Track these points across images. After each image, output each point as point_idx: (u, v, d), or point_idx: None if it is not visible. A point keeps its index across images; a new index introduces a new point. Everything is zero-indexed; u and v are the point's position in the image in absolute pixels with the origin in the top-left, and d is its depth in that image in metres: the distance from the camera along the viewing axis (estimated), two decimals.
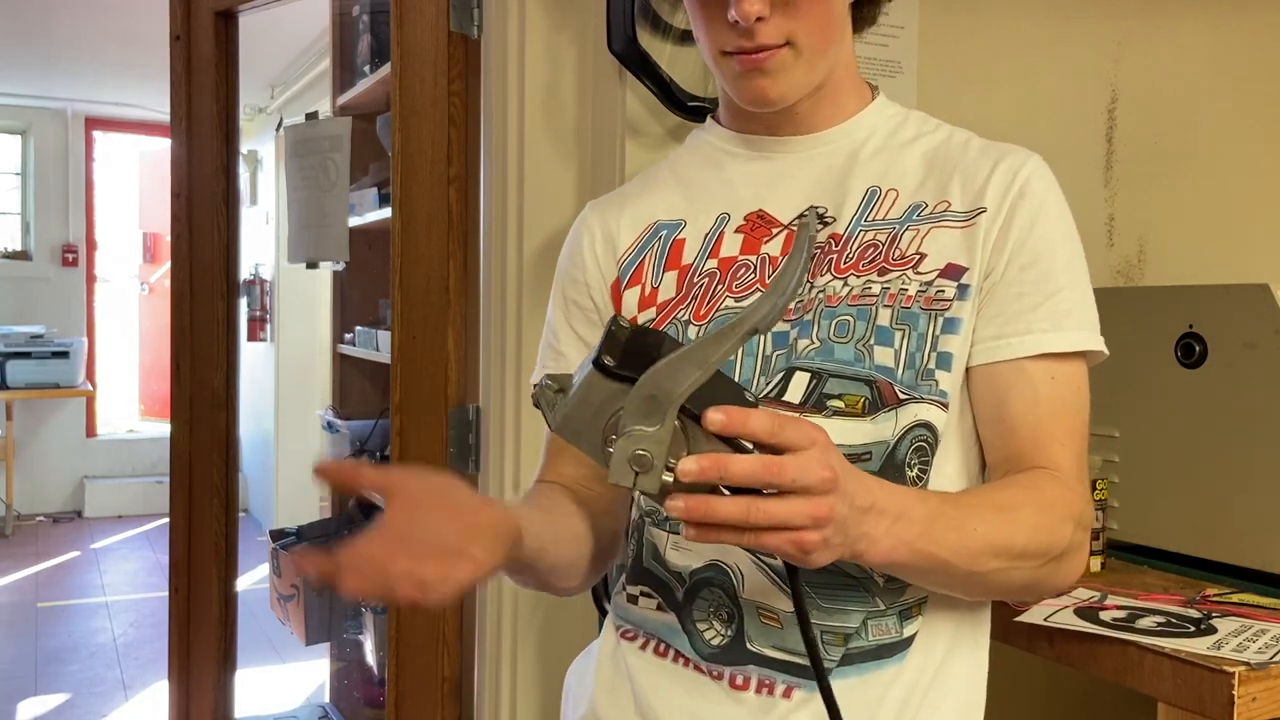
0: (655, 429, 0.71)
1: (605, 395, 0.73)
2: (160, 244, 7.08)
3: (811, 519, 0.71)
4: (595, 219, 1.10)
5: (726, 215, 1.03)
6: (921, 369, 0.94)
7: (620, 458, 0.71)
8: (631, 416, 0.71)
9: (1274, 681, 1.03)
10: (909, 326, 0.94)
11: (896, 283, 0.95)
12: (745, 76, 0.95)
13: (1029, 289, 0.95)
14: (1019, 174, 0.97)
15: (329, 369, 3.05)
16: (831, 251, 0.98)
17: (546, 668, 1.64)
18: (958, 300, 0.95)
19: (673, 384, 0.70)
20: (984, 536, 0.85)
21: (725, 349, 0.70)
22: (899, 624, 0.95)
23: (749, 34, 0.92)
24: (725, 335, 0.70)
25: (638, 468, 0.71)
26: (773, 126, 1.03)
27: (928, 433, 0.94)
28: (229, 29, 2.26)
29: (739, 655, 0.95)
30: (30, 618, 4.68)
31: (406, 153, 1.77)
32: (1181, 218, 1.98)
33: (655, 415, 0.70)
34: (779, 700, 0.93)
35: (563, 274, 1.11)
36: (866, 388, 0.93)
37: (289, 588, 2.75)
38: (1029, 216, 0.95)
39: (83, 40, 5.04)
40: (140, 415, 7.37)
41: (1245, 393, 1.35)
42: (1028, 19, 1.84)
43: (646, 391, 0.70)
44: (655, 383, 0.70)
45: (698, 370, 0.70)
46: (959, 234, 0.96)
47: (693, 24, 0.99)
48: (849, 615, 0.93)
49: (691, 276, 1.01)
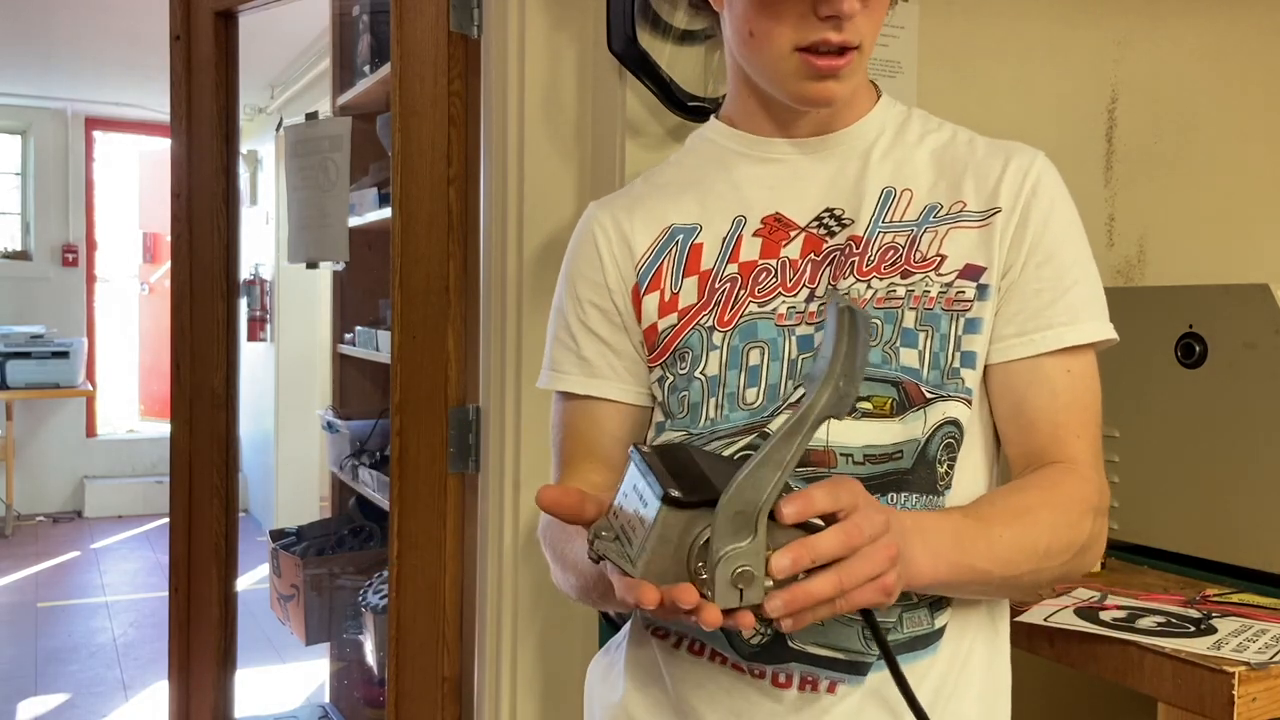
0: (749, 542, 0.70)
1: (682, 527, 0.71)
2: (160, 244, 7.08)
3: (889, 560, 0.75)
4: (607, 218, 1.07)
5: (743, 218, 1.02)
6: (946, 368, 0.95)
7: (724, 584, 0.70)
8: (723, 539, 0.70)
9: (1274, 681, 1.03)
10: (932, 328, 0.96)
11: (920, 285, 0.96)
12: (818, 79, 0.95)
13: (1046, 285, 0.97)
14: (1029, 173, 0.99)
15: (329, 369, 3.06)
16: (853, 254, 0.98)
17: (546, 668, 1.64)
18: (978, 301, 0.96)
19: (756, 493, 0.70)
20: (1010, 541, 0.89)
21: (797, 445, 0.70)
22: (930, 616, 0.96)
23: (839, 29, 0.92)
24: (793, 432, 0.70)
25: (742, 585, 0.71)
26: (789, 127, 1.03)
27: (955, 429, 0.96)
28: (229, 29, 2.26)
29: (781, 654, 0.95)
30: (30, 618, 4.68)
31: (406, 153, 1.77)
32: (1181, 218, 1.98)
33: (745, 530, 0.70)
34: (823, 695, 0.94)
35: (575, 274, 1.08)
36: (893, 389, 0.94)
37: (289, 588, 2.75)
38: (1043, 214, 0.98)
39: (83, 40, 5.04)
40: (140, 415, 7.37)
41: (1245, 393, 1.35)
42: (1028, 19, 1.84)
43: (732, 509, 0.70)
44: (740, 499, 0.70)
45: (776, 472, 0.70)
46: (975, 234, 0.98)
47: (753, 18, 0.95)
48: (889, 610, 0.94)
49: (713, 282, 1.01)
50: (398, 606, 1.81)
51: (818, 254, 0.99)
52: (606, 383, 1.05)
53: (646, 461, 0.74)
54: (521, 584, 1.63)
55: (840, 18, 0.91)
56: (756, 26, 0.95)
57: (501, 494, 1.64)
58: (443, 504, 1.78)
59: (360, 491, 2.74)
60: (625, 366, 1.05)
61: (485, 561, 1.68)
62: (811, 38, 0.92)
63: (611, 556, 0.74)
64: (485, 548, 1.68)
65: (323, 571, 2.71)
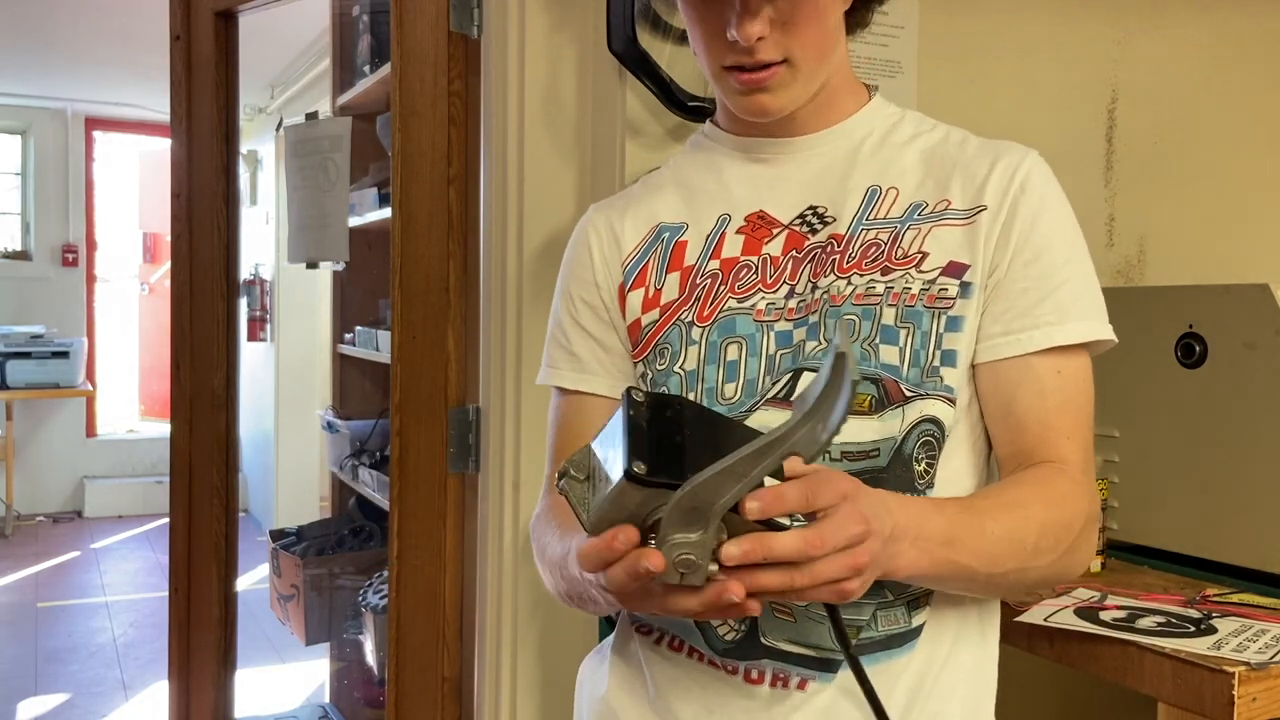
0: (697, 535, 0.71)
1: (639, 501, 0.72)
2: (160, 244, 7.08)
3: (852, 570, 0.74)
4: (601, 220, 1.10)
5: (727, 216, 1.04)
6: (927, 366, 0.95)
7: (668, 563, 0.72)
8: (674, 526, 0.71)
9: (1274, 681, 1.03)
10: (913, 325, 0.95)
11: (900, 282, 0.96)
12: (745, 93, 0.97)
13: (1033, 284, 0.96)
14: (1018, 171, 0.98)
15: (329, 369, 3.06)
16: (834, 251, 0.99)
17: (546, 668, 1.64)
18: (961, 298, 0.96)
19: (714, 497, 0.70)
20: (999, 537, 0.88)
21: (763, 466, 0.70)
22: (907, 614, 0.96)
23: (749, 52, 0.94)
24: (764, 452, 0.70)
25: (684, 570, 0.72)
26: (770, 130, 1.04)
27: (934, 428, 0.95)
28: (229, 29, 2.26)
29: (753, 650, 0.95)
30: (30, 618, 4.68)
31: (406, 153, 1.77)
32: (1181, 218, 1.98)
33: (697, 525, 0.71)
34: (793, 692, 0.94)
35: (569, 274, 1.11)
36: (873, 386, 0.95)
37: (289, 588, 2.75)
38: (1030, 212, 0.97)
39: (83, 40, 5.04)
40: (140, 415, 7.37)
41: (1245, 393, 1.35)
42: (1028, 19, 1.84)
43: (687, 505, 0.70)
44: (696, 496, 0.70)
45: (738, 483, 0.70)
46: (960, 232, 0.97)
47: (691, 39, 1.00)
48: (861, 608, 0.94)
49: (694, 278, 1.03)
50: (398, 606, 1.81)
51: (799, 251, 1.00)
52: (596, 378, 1.08)
53: (633, 416, 0.74)
54: (521, 584, 1.64)
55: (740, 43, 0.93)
56: (695, 47, 1.00)
57: (501, 494, 1.64)
58: (443, 504, 1.78)
59: (360, 491, 2.74)
60: (614, 363, 1.07)
61: (485, 561, 1.68)
62: (728, 60, 0.96)
63: (572, 498, 0.76)
64: (485, 548, 1.68)
65: (323, 571, 2.71)
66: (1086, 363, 0.98)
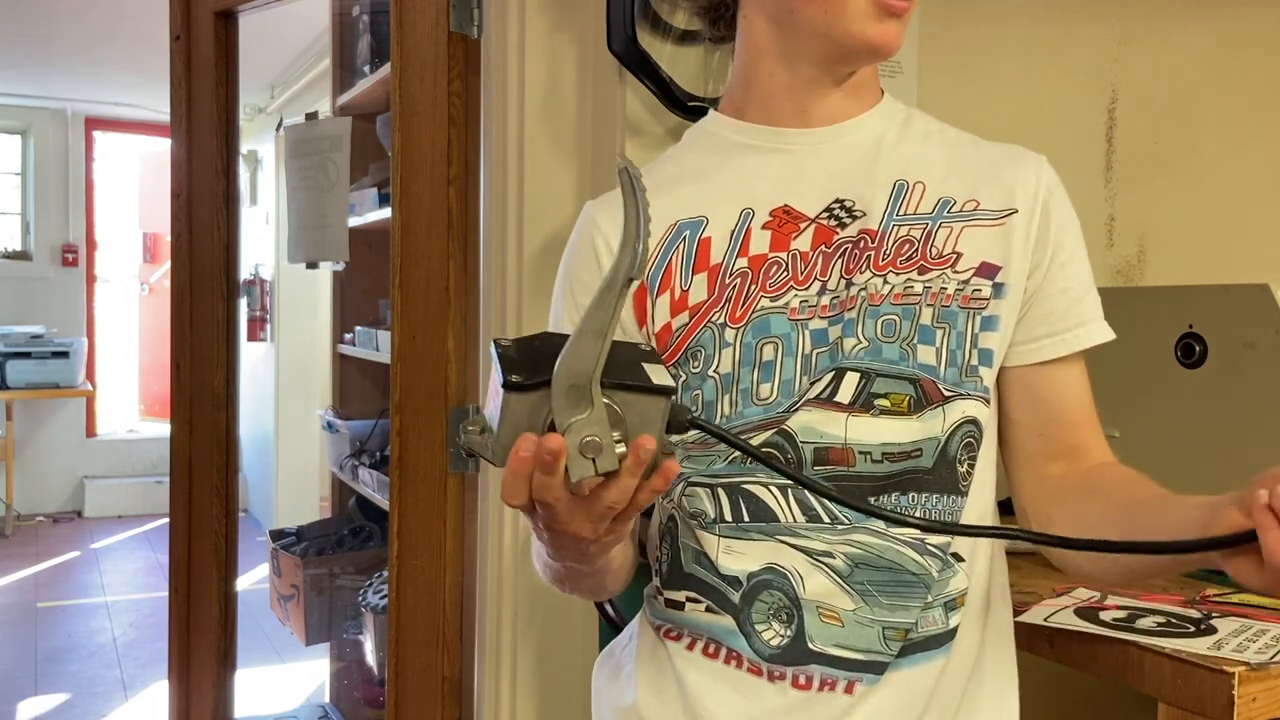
0: (589, 412, 0.72)
1: (528, 410, 0.73)
2: (160, 244, 7.08)
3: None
4: (605, 220, 1.04)
5: (751, 211, 1.00)
6: (964, 366, 0.96)
7: (574, 455, 0.72)
8: (563, 413, 0.72)
9: (1274, 681, 1.03)
10: (949, 325, 0.96)
11: (937, 281, 0.96)
12: (881, 18, 0.96)
13: (1071, 284, 1.00)
14: (1042, 175, 1.00)
15: (329, 369, 3.06)
16: (869, 248, 0.97)
17: (546, 668, 1.64)
18: (994, 299, 0.97)
19: (583, 364, 0.71)
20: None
21: (613, 310, 0.71)
22: (945, 615, 0.97)
23: None
24: (604, 298, 0.70)
25: (592, 454, 0.72)
26: (807, 114, 1.01)
27: (974, 428, 0.97)
28: (229, 29, 2.26)
29: (801, 655, 0.95)
30: (30, 618, 4.68)
31: (406, 153, 1.77)
32: (1181, 218, 1.98)
33: (583, 400, 0.71)
34: (840, 696, 0.95)
35: (573, 278, 1.06)
36: (910, 386, 0.95)
37: (289, 588, 2.75)
38: (1062, 216, 1.00)
39: (83, 40, 5.03)
40: (140, 415, 7.37)
41: (1245, 393, 1.35)
42: (1028, 19, 1.84)
43: (564, 384, 0.71)
44: (568, 372, 0.71)
45: (598, 340, 0.71)
46: (990, 233, 0.98)
47: None
48: (909, 610, 0.95)
49: (723, 277, 0.98)
50: (398, 606, 1.81)
51: (828, 246, 0.98)
52: None
53: (502, 352, 0.75)
54: (521, 584, 1.63)
55: None
56: None
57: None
58: (443, 504, 1.78)
59: (360, 491, 2.75)
60: None
61: (485, 561, 1.68)
62: None
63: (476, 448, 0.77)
64: (485, 548, 1.68)
65: (323, 571, 2.71)
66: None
